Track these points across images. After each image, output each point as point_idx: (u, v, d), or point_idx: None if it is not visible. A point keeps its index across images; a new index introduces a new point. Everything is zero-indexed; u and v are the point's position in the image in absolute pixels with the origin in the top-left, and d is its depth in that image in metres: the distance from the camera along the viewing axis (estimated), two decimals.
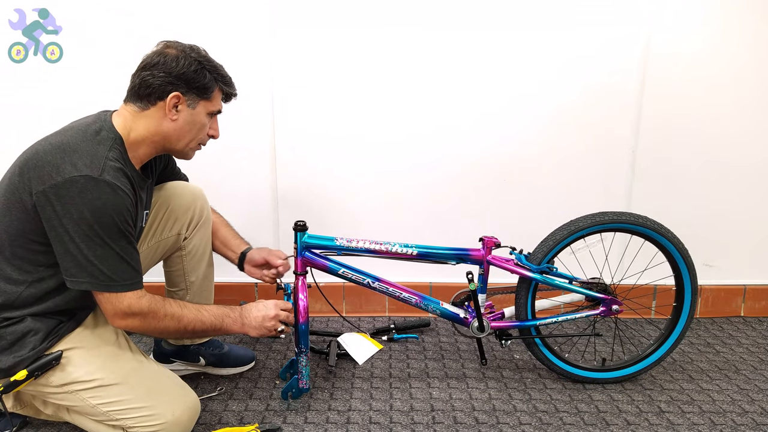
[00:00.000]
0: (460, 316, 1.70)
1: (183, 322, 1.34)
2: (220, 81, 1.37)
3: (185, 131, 1.35)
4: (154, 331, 1.33)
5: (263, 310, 1.46)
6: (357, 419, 1.55)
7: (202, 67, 1.32)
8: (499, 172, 2.13)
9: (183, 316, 1.35)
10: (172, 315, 1.33)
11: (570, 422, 1.55)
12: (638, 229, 1.65)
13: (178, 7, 1.96)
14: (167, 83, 1.28)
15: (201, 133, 1.39)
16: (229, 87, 1.41)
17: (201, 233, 1.65)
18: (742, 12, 2.02)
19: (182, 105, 1.31)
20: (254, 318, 1.44)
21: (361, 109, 2.06)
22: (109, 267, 1.22)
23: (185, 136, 1.36)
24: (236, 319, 1.43)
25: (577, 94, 2.06)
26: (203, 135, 1.40)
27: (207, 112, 1.36)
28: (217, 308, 1.42)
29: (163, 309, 1.32)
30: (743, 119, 2.11)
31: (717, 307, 2.28)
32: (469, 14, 1.99)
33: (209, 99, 1.35)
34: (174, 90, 1.29)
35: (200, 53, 1.34)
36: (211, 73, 1.34)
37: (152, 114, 1.31)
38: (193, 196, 1.62)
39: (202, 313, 1.38)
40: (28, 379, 1.24)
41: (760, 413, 1.61)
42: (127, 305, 1.26)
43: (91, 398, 1.28)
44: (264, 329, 1.45)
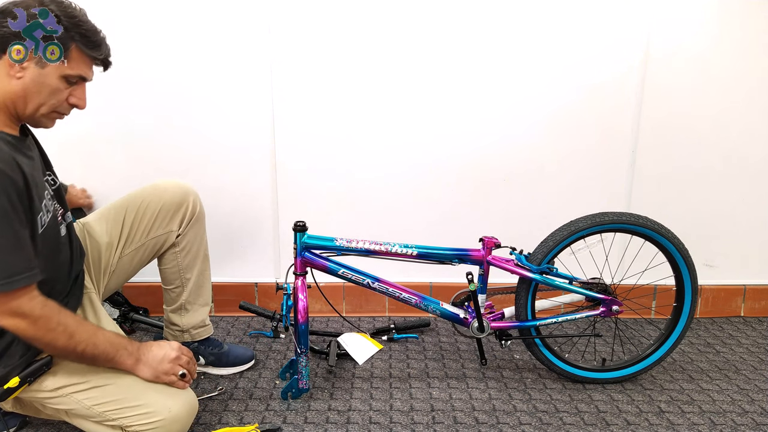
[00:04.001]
0: (460, 317, 1.70)
1: (75, 338, 1.19)
2: (79, 40, 1.17)
3: (32, 93, 1.16)
4: (41, 340, 1.17)
5: (164, 349, 1.31)
6: (357, 419, 1.55)
7: (57, 20, 1.14)
8: (499, 172, 2.13)
9: (76, 333, 1.19)
10: (65, 327, 1.18)
11: (570, 422, 1.55)
12: (638, 230, 1.65)
13: (178, 7, 1.96)
14: (10, 34, 1.12)
15: (53, 99, 1.19)
16: (93, 49, 1.20)
17: (195, 229, 1.64)
18: (742, 12, 2.01)
19: (29, 62, 1.14)
20: (152, 357, 1.29)
21: (361, 109, 2.06)
22: None
23: (33, 98, 1.17)
24: (132, 353, 1.28)
25: (577, 94, 2.06)
26: (57, 101, 1.20)
27: (61, 74, 1.17)
28: (116, 336, 1.27)
29: (57, 317, 1.17)
30: (743, 119, 2.11)
31: (717, 307, 2.28)
32: (469, 15, 1.99)
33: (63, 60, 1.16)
34: (18, 42, 1.12)
35: (62, 5, 1.16)
36: (68, 30, 1.15)
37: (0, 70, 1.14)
38: (185, 193, 1.61)
39: (98, 337, 1.23)
40: (21, 386, 1.22)
41: (760, 413, 1.61)
42: (14, 304, 1.12)
43: (86, 400, 1.27)
44: (160, 371, 1.29)
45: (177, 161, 2.06)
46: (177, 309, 1.70)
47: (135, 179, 2.00)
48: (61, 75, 1.18)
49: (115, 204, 1.57)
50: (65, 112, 1.25)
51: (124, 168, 2.06)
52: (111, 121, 1.99)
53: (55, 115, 1.24)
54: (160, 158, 2.06)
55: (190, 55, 1.99)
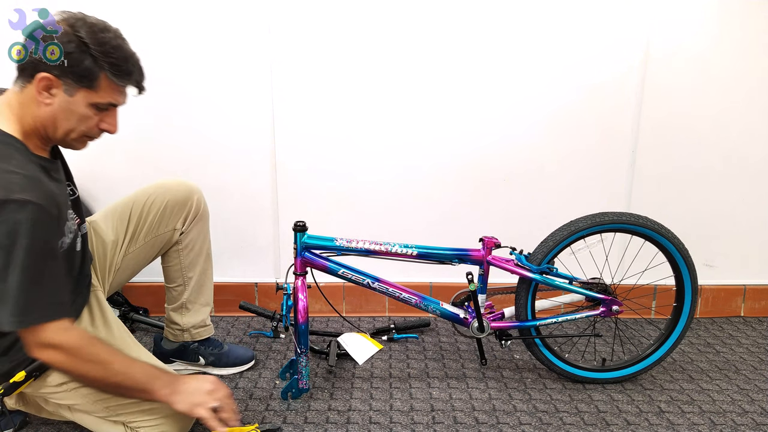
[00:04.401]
0: (460, 317, 1.70)
1: (110, 370, 1.18)
2: (108, 69, 1.14)
3: (61, 119, 1.16)
4: (76, 371, 1.18)
5: (200, 381, 1.27)
6: (357, 419, 1.55)
7: (84, 49, 1.11)
8: (499, 172, 2.13)
9: (111, 364, 1.19)
10: (100, 359, 1.18)
11: (570, 422, 1.55)
12: (638, 230, 1.65)
13: (178, 7, 1.96)
14: (38, 61, 1.10)
15: (83, 125, 1.19)
16: (123, 78, 1.18)
17: (198, 227, 1.65)
18: (742, 12, 2.01)
19: (57, 89, 1.13)
20: (187, 388, 1.24)
21: (361, 110, 2.06)
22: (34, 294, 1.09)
23: (62, 125, 1.17)
24: (167, 383, 1.24)
25: (577, 94, 2.06)
26: (87, 127, 1.20)
27: (89, 102, 1.16)
28: (151, 367, 1.25)
29: (91, 348, 1.17)
30: (743, 119, 2.11)
31: (717, 307, 2.28)
32: (469, 16, 1.99)
33: (92, 88, 1.15)
34: (44, 70, 1.10)
35: (93, 32, 1.12)
36: (97, 60, 1.12)
37: (29, 95, 1.14)
38: (189, 191, 1.62)
39: (133, 368, 1.22)
40: (27, 380, 1.24)
41: (760, 413, 1.61)
42: (49, 335, 1.12)
43: (89, 395, 1.28)
44: (194, 403, 1.23)
45: (177, 161, 2.06)
46: (178, 308, 1.70)
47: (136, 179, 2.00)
48: (90, 103, 1.17)
49: (121, 202, 1.58)
50: (96, 137, 1.24)
51: (125, 168, 2.06)
52: None
53: (86, 139, 1.24)
54: (161, 158, 2.06)
55: (190, 56, 1.99)
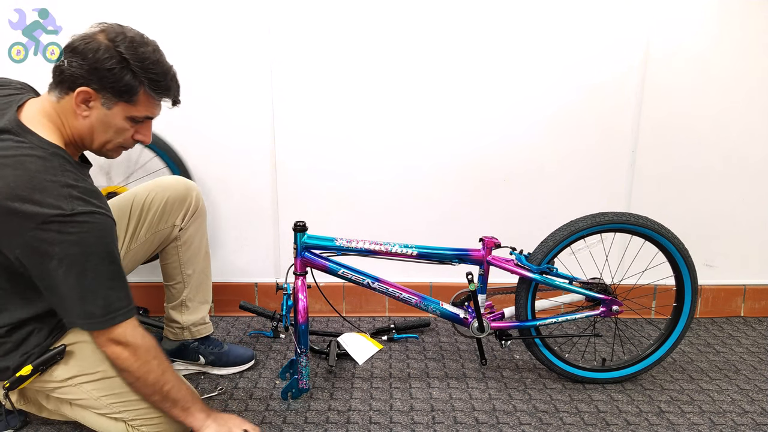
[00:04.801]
0: (460, 317, 1.70)
1: (166, 376, 1.26)
2: (147, 85, 1.17)
3: (98, 132, 1.20)
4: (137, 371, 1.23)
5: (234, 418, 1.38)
6: (357, 419, 1.55)
7: (125, 65, 1.14)
8: (499, 172, 2.13)
9: (168, 371, 1.27)
10: (160, 363, 1.25)
11: (570, 422, 1.55)
12: (638, 230, 1.65)
13: (178, 7, 1.96)
14: (78, 75, 1.12)
15: (119, 137, 1.23)
16: (161, 93, 1.21)
17: (196, 224, 1.66)
18: (742, 12, 2.01)
19: (95, 102, 1.16)
20: (221, 417, 1.34)
21: (361, 110, 2.06)
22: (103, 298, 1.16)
23: (99, 137, 1.21)
24: (205, 408, 1.34)
25: (577, 94, 2.06)
26: (123, 139, 1.24)
27: (127, 116, 1.19)
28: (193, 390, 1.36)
29: (155, 351, 1.25)
30: (743, 119, 2.11)
31: (717, 307, 2.28)
32: (469, 16, 1.99)
33: (131, 103, 1.18)
34: (84, 84, 1.13)
35: (133, 47, 1.15)
36: (137, 75, 1.15)
37: (66, 106, 1.17)
38: (188, 188, 1.63)
39: (182, 383, 1.31)
40: (33, 374, 1.25)
41: (760, 413, 1.61)
42: (119, 332, 1.19)
43: (94, 390, 1.29)
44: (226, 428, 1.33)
45: None
46: (177, 306, 1.71)
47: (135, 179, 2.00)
48: (127, 116, 1.20)
49: (120, 200, 1.59)
50: (130, 147, 1.28)
51: (125, 168, 2.06)
52: None
53: (121, 149, 1.28)
54: None
55: (190, 56, 1.99)
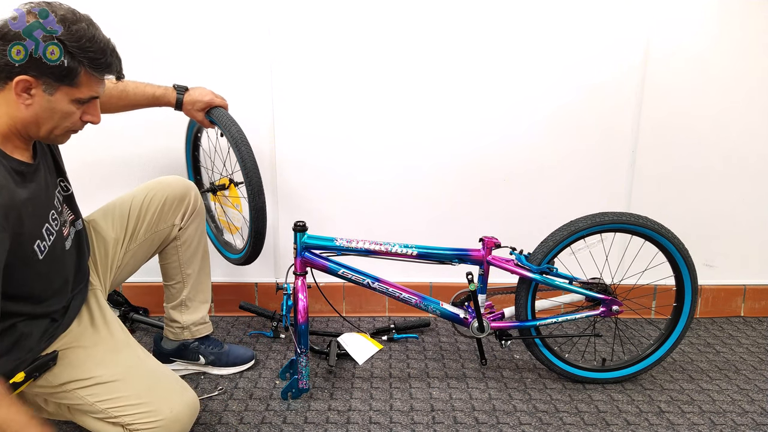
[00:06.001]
0: (460, 317, 1.70)
1: None
2: (87, 65, 1.12)
3: (44, 119, 1.14)
4: None
5: None
6: (357, 419, 1.55)
7: (63, 48, 1.08)
8: (499, 172, 2.13)
9: None
10: None
11: (570, 422, 1.55)
12: (638, 230, 1.65)
13: (178, 8, 1.96)
14: (12, 64, 1.07)
15: (66, 122, 1.18)
16: (103, 71, 1.15)
17: (195, 223, 1.67)
18: (742, 12, 2.01)
19: (36, 89, 1.10)
20: None
21: (361, 110, 2.06)
22: None
23: (45, 123, 1.15)
24: None
25: (577, 94, 2.06)
26: (71, 123, 1.19)
27: (71, 98, 1.14)
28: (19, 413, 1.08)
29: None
30: (743, 119, 2.11)
31: (717, 307, 2.28)
32: (469, 16, 1.99)
33: (74, 85, 1.13)
34: (21, 72, 1.07)
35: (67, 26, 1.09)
36: (75, 57, 1.10)
37: (6, 97, 1.11)
38: (186, 187, 1.64)
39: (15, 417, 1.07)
40: (26, 380, 1.23)
41: (760, 413, 1.61)
42: None
43: (89, 396, 1.28)
44: None
45: (177, 161, 2.06)
46: (177, 305, 1.71)
47: (135, 179, 2.00)
48: (72, 99, 1.15)
49: (119, 200, 1.59)
50: (79, 129, 1.23)
51: (124, 168, 2.06)
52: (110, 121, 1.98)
53: (70, 133, 1.23)
54: (160, 158, 2.06)
55: (190, 56, 1.99)
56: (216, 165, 1.95)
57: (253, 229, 1.64)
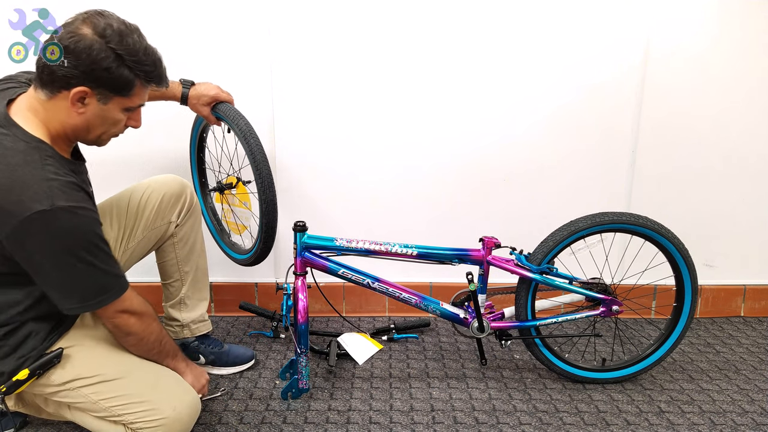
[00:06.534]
0: (460, 317, 1.70)
1: (162, 332, 1.39)
2: (143, 77, 1.19)
3: (95, 126, 1.21)
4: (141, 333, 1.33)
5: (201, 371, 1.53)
6: (357, 419, 1.55)
7: (120, 62, 1.14)
8: (499, 172, 2.13)
9: (162, 327, 1.40)
10: (158, 322, 1.37)
11: (570, 422, 1.55)
12: (638, 230, 1.65)
13: (178, 8, 1.96)
14: (72, 76, 1.12)
15: (115, 128, 1.25)
16: (154, 82, 1.23)
17: (191, 220, 1.68)
18: (742, 12, 2.01)
19: (90, 99, 1.16)
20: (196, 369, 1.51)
21: (360, 110, 2.06)
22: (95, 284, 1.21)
23: (95, 129, 1.22)
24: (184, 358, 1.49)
25: (576, 94, 2.06)
26: (118, 129, 1.27)
27: (123, 107, 1.21)
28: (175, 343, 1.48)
29: (153, 314, 1.36)
30: (743, 119, 2.11)
31: (717, 307, 2.28)
32: (469, 17, 1.99)
33: (127, 96, 1.19)
34: (79, 84, 1.13)
35: (122, 39, 1.14)
36: (132, 70, 1.16)
37: (58, 104, 1.16)
38: (182, 185, 1.65)
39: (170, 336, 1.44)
40: (30, 378, 1.24)
41: (760, 413, 1.61)
42: (120, 306, 1.27)
43: (92, 394, 1.28)
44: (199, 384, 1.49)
45: (177, 162, 2.06)
46: (176, 304, 1.71)
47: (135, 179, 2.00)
48: (124, 108, 1.21)
49: (116, 198, 1.59)
50: (121, 133, 1.30)
51: (124, 169, 2.06)
52: None
53: (113, 137, 1.30)
54: (161, 158, 2.06)
55: (190, 56, 1.99)
56: (223, 165, 1.95)
57: (263, 223, 1.63)
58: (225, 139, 1.90)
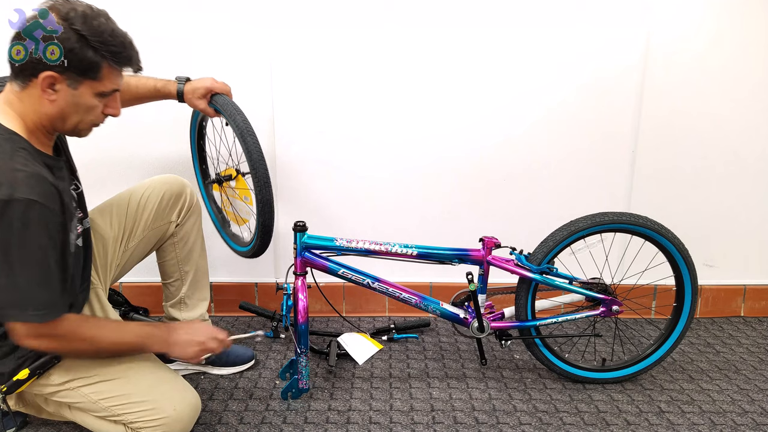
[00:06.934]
0: (460, 317, 1.70)
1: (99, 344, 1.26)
2: (109, 58, 1.15)
3: (69, 113, 1.18)
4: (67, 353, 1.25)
5: (191, 334, 1.36)
6: (357, 419, 1.55)
7: (84, 43, 1.11)
8: (499, 172, 2.13)
9: (98, 338, 1.25)
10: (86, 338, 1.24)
11: (570, 422, 1.55)
12: (638, 230, 1.65)
13: (177, 6, 1.96)
14: (37, 61, 1.10)
15: (90, 115, 1.21)
16: (123, 64, 1.19)
17: (192, 220, 1.68)
18: (742, 12, 2.01)
19: (60, 84, 1.14)
20: (180, 339, 1.34)
21: (361, 110, 2.06)
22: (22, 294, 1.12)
23: (70, 118, 1.19)
24: (162, 338, 1.34)
25: (577, 94, 2.06)
26: (94, 116, 1.22)
27: (95, 92, 1.18)
28: (141, 327, 1.35)
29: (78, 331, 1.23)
30: (743, 119, 2.11)
31: (717, 307, 2.28)
32: (470, 17, 1.99)
33: (96, 79, 1.16)
34: (45, 69, 1.10)
35: (87, 21, 1.12)
36: (98, 51, 1.13)
37: (31, 93, 1.15)
38: (182, 184, 1.65)
39: (123, 333, 1.30)
40: (30, 378, 1.24)
41: (760, 413, 1.61)
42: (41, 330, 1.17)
43: (92, 394, 1.29)
44: (187, 353, 1.35)
45: (177, 161, 2.06)
46: (176, 303, 1.72)
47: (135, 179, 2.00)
48: (95, 93, 1.18)
49: (117, 198, 1.60)
50: (101, 122, 1.27)
51: (124, 169, 2.06)
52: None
53: (93, 127, 1.26)
54: (161, 158, 2.06)
55: (189, 56, 1.99)
56: (222, 155, 1.92)
57: (260, 222, 1.60)
58: (223, 130, 1.89)
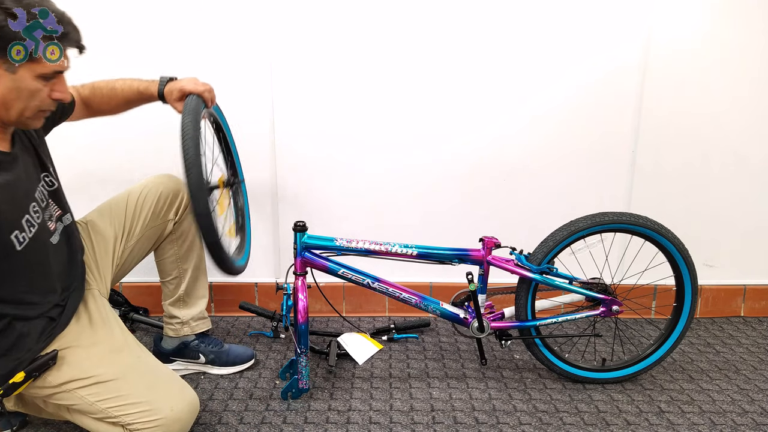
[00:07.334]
0: (460, 317, 1.70)
1: None
2: None
3: (11, 99, 1.12)
4: None
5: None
6: (357, 419, 1.55)
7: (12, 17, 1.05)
8: (499, 172, 2.13)
9: None
10: None
11: (570, 422, 1.55)
12: (638, 230, 1.65)
13: (177, 7, 1.96)
14: None
15: (35, 100, 1.14)
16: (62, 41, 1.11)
17: (189, 218, 1.68)
18: (742, 12, 2.01)
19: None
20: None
21: (360, 109, 2.06)
22: None
23: (13, 105, 1.13)
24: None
25: (576, 94, 2.06)
26: (40, 101, 1.15)
27: (35, 75, 1.11)
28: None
29: None
30: (743, 118, 2.11)
31: (717, 307, 2.28)
32: (469, 17, 1.99)
33: (33, 60, 1.09)
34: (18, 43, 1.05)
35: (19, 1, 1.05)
36: None
37: None
38: (178, 183, 1.65)
39: None
40: (26, 380, 1.23)
41: (760, 413, 1.61)
42: None
43: (89, 396, 1.28)
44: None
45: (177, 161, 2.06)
46: (176, 301, 1.72)
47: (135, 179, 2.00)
48: (36, 75, 1.12)
49: (115, 199, 1.60)
50: (51, 108, 1.21)
51: (123, 168, 2.06)
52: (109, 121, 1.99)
53: (41, 114, 1.20)
54: (161, 158, 2.06)
55: (189, 56, 1.99)
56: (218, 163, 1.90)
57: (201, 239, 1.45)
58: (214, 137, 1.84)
